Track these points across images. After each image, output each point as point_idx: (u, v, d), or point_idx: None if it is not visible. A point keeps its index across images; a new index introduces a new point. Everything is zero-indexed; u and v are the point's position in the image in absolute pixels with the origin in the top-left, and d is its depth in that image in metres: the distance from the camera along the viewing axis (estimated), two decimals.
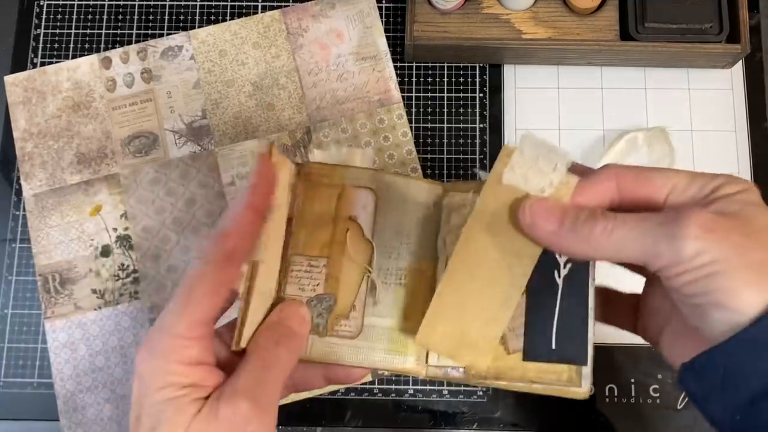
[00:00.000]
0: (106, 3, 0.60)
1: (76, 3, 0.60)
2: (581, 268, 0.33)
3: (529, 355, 0.34)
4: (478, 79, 0.58)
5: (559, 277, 0.34)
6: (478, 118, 0.58)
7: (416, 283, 0.36)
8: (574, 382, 0.33)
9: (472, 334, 0.33)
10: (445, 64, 0.58)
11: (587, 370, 0.33)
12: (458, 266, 0.33)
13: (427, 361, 0.35)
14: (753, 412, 0.28)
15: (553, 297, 0.34)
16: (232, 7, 0.60)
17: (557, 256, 0.33)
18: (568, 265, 0.33)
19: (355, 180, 0.36)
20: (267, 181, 0.34)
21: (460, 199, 0.36)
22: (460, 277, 0.33)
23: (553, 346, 0.33)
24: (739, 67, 0.58)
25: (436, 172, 0.57)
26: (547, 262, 0.33)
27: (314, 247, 0.36)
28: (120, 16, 0.60)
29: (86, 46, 0.59)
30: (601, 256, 0.31)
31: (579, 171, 0.33)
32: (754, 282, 0.27)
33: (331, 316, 0.35)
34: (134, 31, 0.59)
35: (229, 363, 0.33)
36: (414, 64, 0.58)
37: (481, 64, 0.58)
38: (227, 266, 0.32)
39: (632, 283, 0.36)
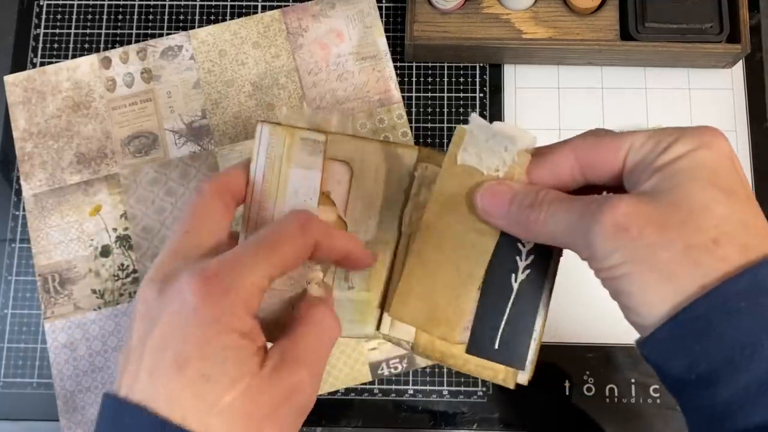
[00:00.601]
0: (106, 3, 0.60)
1: (75, 3, 0.60)
2: (539, 277, 0.34)
3: (471, 349, 0.34)
4: (478, 79, 0.58)
5: (516, 281, 0.34)
6: None
7: (381, 255, 0.36)
8: (507, 383, 0.34)
9: (442, 308, 0.34)
10: (445, 64, 0.58)
11: (524, 373, 0.34)
12: (424, 242, 0.34)
13: (378, 329, 0.36)
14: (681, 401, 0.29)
15: (506, 300, 0.34)
16: (232, 6, 0.60)
17: (518, 260, 0.34)
18: (527, 272, 0.34)
19: (331, 152, 0.35)
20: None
21: (431, 173, 0.36)
22: (427, 252, 0.34)
23: (496, 347, 0.34)
24: (739, 67, 0.58)
25: None
26: (506, 264, 0.34)
27: None
28: (120, 16, 0.60)
29: (86, 46, 0.59)
30: (543, 242, 0.31)
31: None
32: (656, 286, 0.27)
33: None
34: (134, 31, 0.59)
35: None
36: (414, 64, 0.58)
37: (481, 64, 0.58)
38: (311, 247, 0.32)
39: None
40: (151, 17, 0.60)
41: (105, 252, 0.55)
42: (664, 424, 0.52)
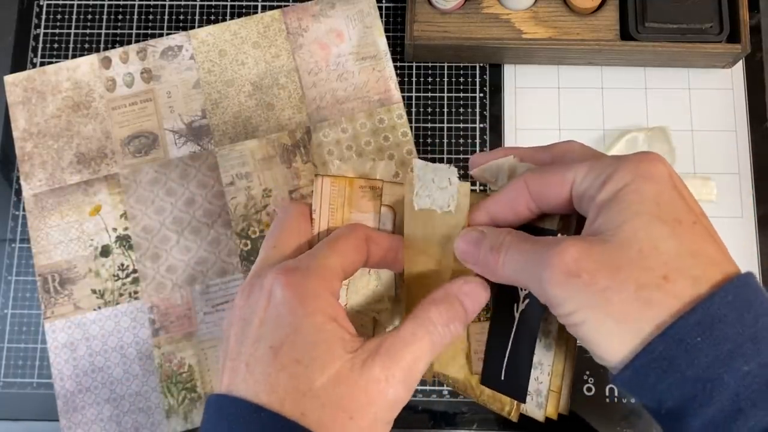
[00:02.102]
0: (106, 3, 0.60)
1: (76, 3, 0.60)
2: (536, 307, 0.34)
3: (483, 380, 0.35)
4: (478, 79, 0.58)
5: (517, 311, 0.34)
6: (478, 118, 0.57)
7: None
8: (511, 416, 0.35)
9: None
10: (445, 64, 0.58)
11: (534, 406, 0.35)
12: (411, 281, 0.35)
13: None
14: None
15: (509, 330, 0.34)
16: (232, 6, 0.60)
17: (519, 290, 0.34)
18: (526, 301, 0.34)
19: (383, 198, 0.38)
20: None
21: None
22: (412, 291, 0.35)
23: (503, 378, 0.34)
24: (739, 67, 0.58)
25: None
26: (509, 294, 0.34)
27: None
28: (120, 16, 0.60)
29: (86, 46, 0.59)
30: (508, 283, 0.31)
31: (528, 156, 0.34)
32: (613, 331, 0.27)
33: None
34: (134, 31, 0.59)
35: None
36: (414, 64, 0.58)
37: (481, 64, 0.58)
38: (364, 241, 0.34)
39: None
40: (151, 17, 0.60)
41: (105, 252, 0.55)
42: None
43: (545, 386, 0.34)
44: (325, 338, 0.29)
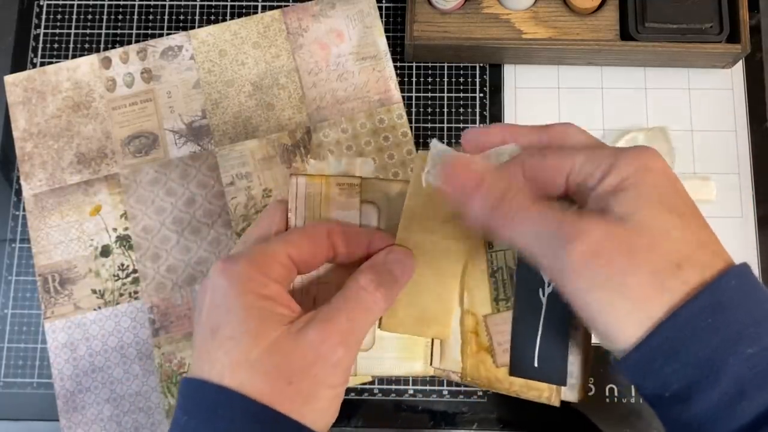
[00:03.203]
0: (106, 3, 0.60)
1: (76, 3, 0.60)
2: None
3: (513, 370, 0.34)
4: (478, 79, 0.58)
5: (543, 295, 0.34)
6: (478, 118, 0.57)
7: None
8: (552, 401, 0.34)
9: (430, 310, 0.35)
10: (445, 64, 0.58)
11: (567, 389, 0.34)
12: None
13: (431, 364, 0.36)
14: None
15: (537, 315, 0.34)
16: (232, 7, 0.60)
17: (543, 274, 0.34)
18: (553, 284, 0.34)
19: (362, 194, 0.37)
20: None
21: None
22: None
23: (536, 364, 0.34)
24: (739, 67, 0.58)
25: None
26: (532, 279, 0.34)
27: None
28: (120, 16, 0.60)
29: (86, 46, 0.59)
30: (510, 245, 0.31)
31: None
32: (626, 312, 0.27)
33: None
34: (134, 31, 0.59)
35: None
36: (414, 64, 0.58)
37: (481, 64, 0.58)
38: (324, 233, 0.35)
39: None
40: (151, 17, 0.60)
41: (105, 252, 0.55)
42: None
43: (577, 367, 0.34)
44: (258, 314, 0.31)
